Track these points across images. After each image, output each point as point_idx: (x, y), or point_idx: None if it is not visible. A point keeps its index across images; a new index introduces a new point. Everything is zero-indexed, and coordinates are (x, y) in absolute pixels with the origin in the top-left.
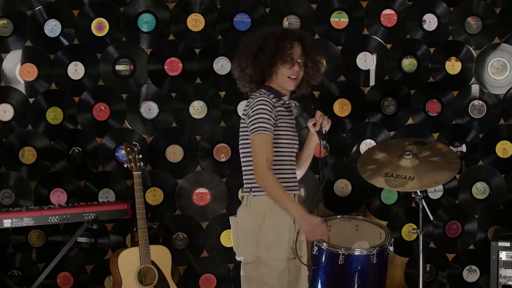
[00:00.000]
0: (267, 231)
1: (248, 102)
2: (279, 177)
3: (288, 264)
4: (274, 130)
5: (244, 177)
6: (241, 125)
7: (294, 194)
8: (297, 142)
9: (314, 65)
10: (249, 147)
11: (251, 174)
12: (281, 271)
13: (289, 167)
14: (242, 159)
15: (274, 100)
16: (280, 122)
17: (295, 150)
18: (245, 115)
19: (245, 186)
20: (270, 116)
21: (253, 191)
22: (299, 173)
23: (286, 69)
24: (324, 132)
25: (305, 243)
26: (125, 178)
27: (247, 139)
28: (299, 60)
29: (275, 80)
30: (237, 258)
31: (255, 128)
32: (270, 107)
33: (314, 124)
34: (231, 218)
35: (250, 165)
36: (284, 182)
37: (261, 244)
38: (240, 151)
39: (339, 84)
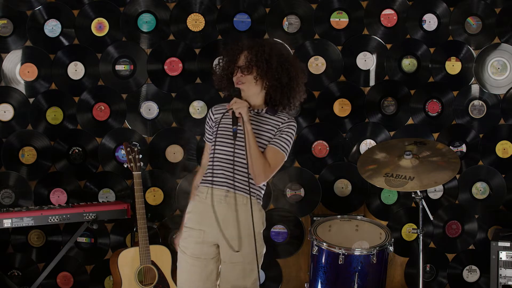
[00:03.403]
0: (186, 215)
1: None
2: (207, 170)
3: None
4: (214, 132)
5: None
6: None
7: (210, 188)
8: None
9: (269, 70)
10: None
11: None
12: (185, 259)
13: (220, 165)
14: None
15: (220, 108)
16: (218, 127)
17: (240, 152)
18: None
19: None
20: (206, 125)
21: None
22: (254, 177)
23: (234, 77)
24: (235, 117)
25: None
26: (125, 178)
27: None
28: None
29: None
30: None
31: None
32: (208, 118)
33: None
34: None
35: None
36: (207, 175)
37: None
38: None
39: (339, 84)
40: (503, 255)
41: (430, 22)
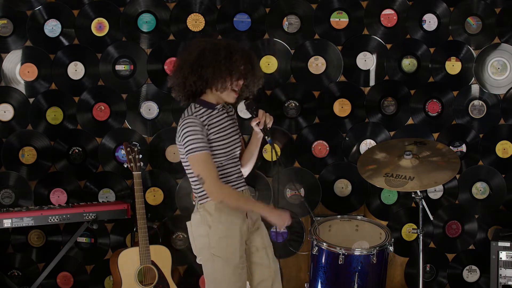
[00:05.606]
0: (216, 227)
1: (179, 122)
2: (223, 180)
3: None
4: (209, 142)
5: (192, 187)
6: (178, 146)
7: (243, 190)
8: (237, 140)
9: (255, 80)
10: (189, 166)
11: (196, 185)
12: (236, 265)
13: (231, 168)
14: (188, 174)
15: (206, 113)
16: (213, 132)
17: (237, 148)
18: (178, 137)
19: (194, 195)
20: (201, 134)
21: (199, 200)
22: (246, 170)
23: (234, 82)
24: (267, 129)
25: (263, 234)
26: (125, 178)
27: (186, 160)
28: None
29: (213, 92)
30: (197, 261)
31: (191, 149)
32: (200, 126)
33: (259, 123)
34: (187, 223)
35: (194, 178)
36: (229, 182)
37: (212, 241)
38: (184, 166)
39: (339, 84)
40: (503, 255)
41: (430, 22)
